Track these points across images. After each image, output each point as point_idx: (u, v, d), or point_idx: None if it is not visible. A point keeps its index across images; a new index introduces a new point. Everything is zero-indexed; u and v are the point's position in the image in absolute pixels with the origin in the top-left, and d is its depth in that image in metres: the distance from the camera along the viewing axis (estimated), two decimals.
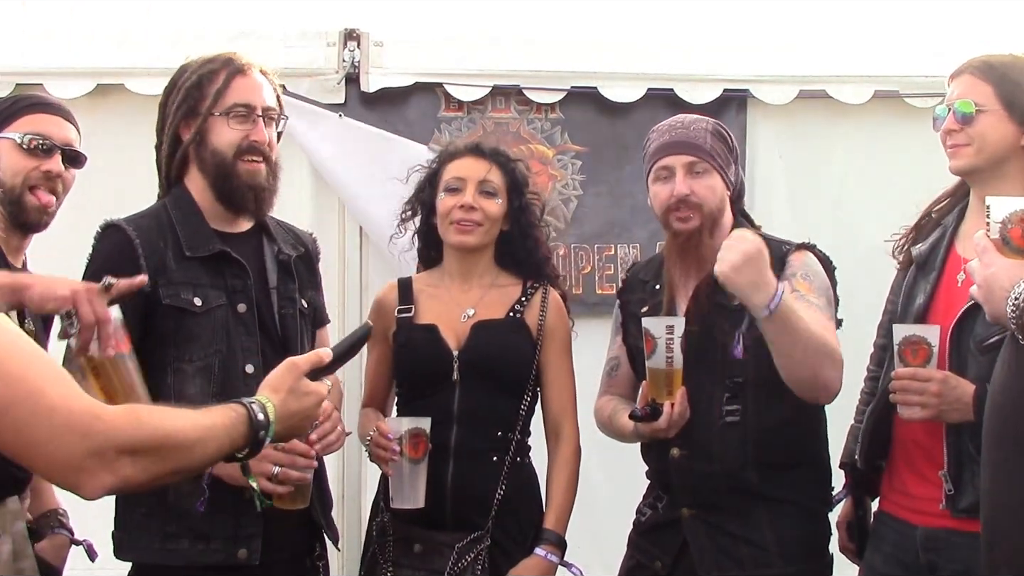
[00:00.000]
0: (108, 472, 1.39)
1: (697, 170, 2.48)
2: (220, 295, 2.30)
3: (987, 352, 2.16)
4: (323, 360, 1.76)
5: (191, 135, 2.34)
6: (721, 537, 2.47)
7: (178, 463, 1.49)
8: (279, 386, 1.69)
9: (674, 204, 2.48)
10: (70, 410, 1.37)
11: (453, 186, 2.60)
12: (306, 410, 1.72)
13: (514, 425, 2.54)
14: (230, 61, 2.35)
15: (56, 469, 1.39)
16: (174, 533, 2.24)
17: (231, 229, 2.39)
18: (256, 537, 2.26)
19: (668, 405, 2.40)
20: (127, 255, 2.24)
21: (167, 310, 2.25)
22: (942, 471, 2.25)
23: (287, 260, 2.44)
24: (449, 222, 2.58)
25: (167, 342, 2.25)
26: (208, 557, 2.24)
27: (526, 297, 2.62)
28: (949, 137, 2.32)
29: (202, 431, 1.52)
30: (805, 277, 2.46)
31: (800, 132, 3.69)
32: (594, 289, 3.68)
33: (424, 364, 2.57)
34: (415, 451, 2.41)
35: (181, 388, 2.24)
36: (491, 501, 2.49)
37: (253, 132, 2.33)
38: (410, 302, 2.63)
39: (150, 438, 1.44)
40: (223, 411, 1.58)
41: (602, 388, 2.75)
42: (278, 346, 2.35)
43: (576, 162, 3.74)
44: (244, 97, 2.33)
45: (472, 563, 2.45)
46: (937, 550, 2.27)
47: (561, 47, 3.66)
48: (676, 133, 2.52)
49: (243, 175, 2.32)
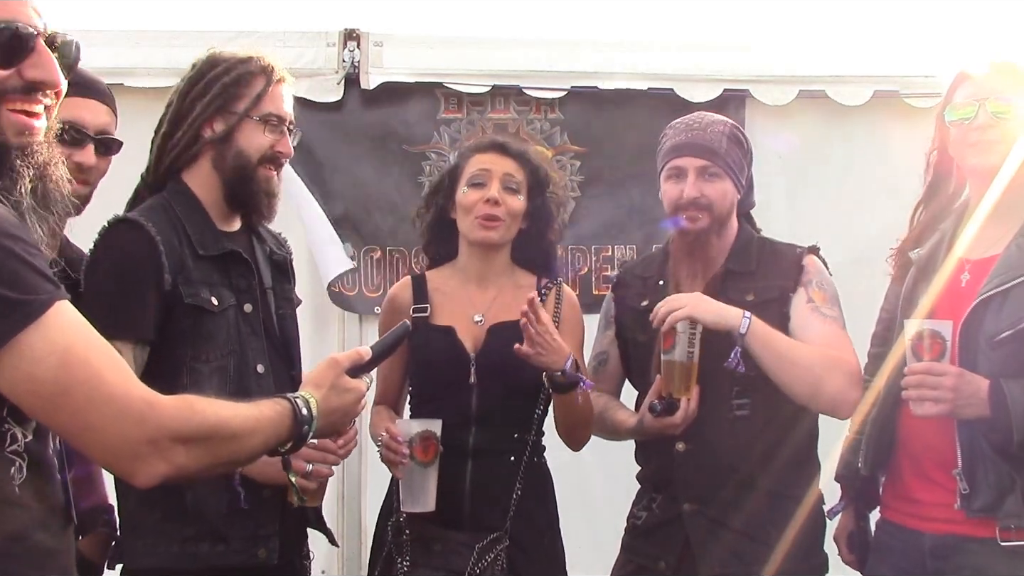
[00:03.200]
0: (162, 460, 1.41)
1: (709, 174, 2.49)
2: (231, 295, 2.27)
3: (999, 347, 2.16)
4: (363, 357, 1.79)
5: (216, 132, 2.28)
6: (724, 532, 2.47)
7: (228, 454, 1.53)
8: (321, 382, 1.71)
9: (684, 204, 2.49)
10: (128, 396, 1.40)
11: (478, 180, 2.56)
12: (346, 406, 1.75)
13: (530, 426, 2.53)
14: (270, 69, 2.31)
15: (111, 454, 1.41)
16: (193, 536, 2.19)
17: (228, 228, 2.36)
18: (274, 537, 2.25)
19: (685, 400, 2.41)
20: (149, 252, 2.18)
21: (187, 309, 2.20)
22: (956, 470, 2.22)
23: (282, 260, 2.43)
24: (473, 216, 2.55)
25: (183, 342, 2.21)
26: (228, 559, 2.21)
27: (542, 296, 2.59)
28: (980, 133, 2.27)
29: (252, 423, 1.54)
30: (820, 286, 2.48)
31: (800, 132, 3.69)
32: (591, 290, 3.68)
33: (441, 367, 2.55)
34: (425, 454, 2.39)
35: (197, 388, 2.18)
36: (509, 501, 2.48)
37: (280, 143, 2.31)
38: (425, 301, 2.61)
39: (203, 427, 1.47)
40: (270, 405, 1.60)
41: None
42: (279, 346, 2.34)
43: (575, 163, 3.74)
44: (279, 108, 2.31)
45: (492, 563, 2.45)
46: (946, 557, 2.24)
47: (561, 47, 3.67)
48: (692, 134, 2.52)
49: (261, 181, 2.30)
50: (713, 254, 2.52)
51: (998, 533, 2.16)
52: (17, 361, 1.33)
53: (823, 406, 2.45)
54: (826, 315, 2.45)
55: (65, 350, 1.36)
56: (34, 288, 1.35)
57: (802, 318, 2.47)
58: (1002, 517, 2.16)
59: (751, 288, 2.50)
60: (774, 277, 2.51)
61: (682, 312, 2.36)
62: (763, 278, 2.52)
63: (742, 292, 2.49)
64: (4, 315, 1.32)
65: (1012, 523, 2.15)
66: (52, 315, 1.36)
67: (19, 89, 1.45)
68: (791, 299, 2.48)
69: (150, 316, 2.16)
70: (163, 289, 2.17)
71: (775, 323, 2.44)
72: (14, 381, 1.34)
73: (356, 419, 1.95)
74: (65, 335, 1.37)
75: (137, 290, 2.17)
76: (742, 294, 2.49)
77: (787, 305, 2.48)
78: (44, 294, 1.36)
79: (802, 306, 2.47)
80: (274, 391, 2.21)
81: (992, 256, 2.27)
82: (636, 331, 2.59)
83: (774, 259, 2.55)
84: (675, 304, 2.39)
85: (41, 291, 1.36)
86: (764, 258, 2.55)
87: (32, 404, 1.37)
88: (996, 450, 2.17)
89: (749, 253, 2.55)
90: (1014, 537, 2.15)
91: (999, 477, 2.17)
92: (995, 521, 2.17)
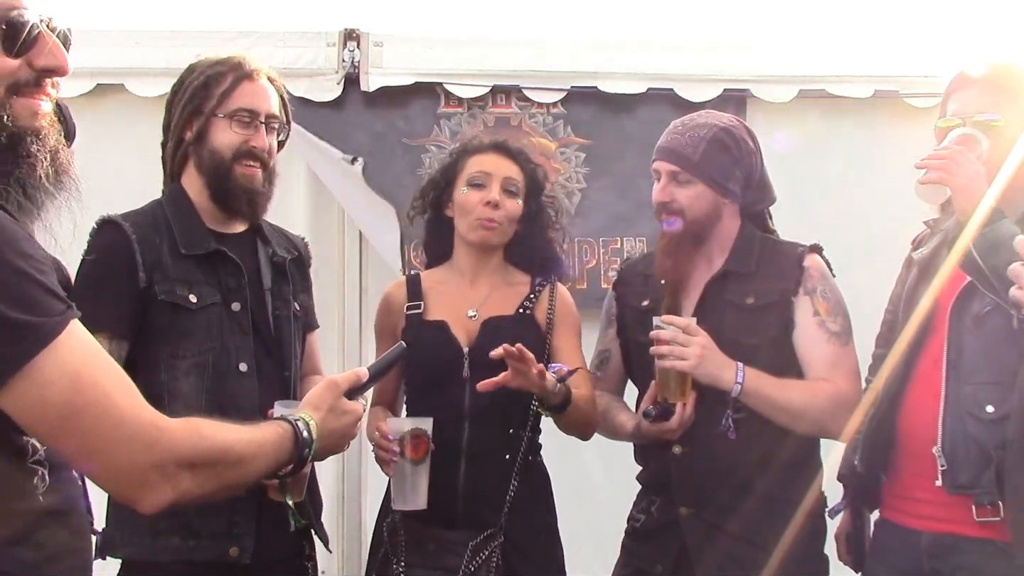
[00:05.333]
0: (169, 486, 1.40)
1: (680, 179, 2.49)
2: (214, 293, 2.31)
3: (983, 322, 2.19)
4: (361, 379, 1.79)
5: (192, 134, 2.35)
6: (721, 537, 2.46)
7: (231, 478, 1.51)
8: (320, 404, 1.71)
9: (656, 208, 2.53)
10: (138, 420, 1.38)
11: (478, 181, 2.56)
12: (344, 428, 1.75)
13: (525, 422, 2.52)
14: (239, 65, 2.36)
15: (118, 479, 1.39)
16: (165, 529, 2.23)
17: (227, 229, 2.40)
18: (248, 536, 2.26)
19: (680, 406, 2.41)
20: (124, 250, 2.26)
21: (162, 306, 2.26)
22: (935, 447, 2.23)
23: (282, 262, 2.45)
24: (474, 218, 2.54)
25: (161, 338, 2.26)
26: (198, 554, 2.24)
27: (535, 294, 2.60)
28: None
29: (255, 447, 1.54)
30: (824, 296, 2.48)
31: (800, 131, 3.69)
32: (599, 283, 3.65)
33: (434, 361, 2.54)
34: (415, 452, 2.39)
35: (174, 384, 2.24)
36: (503, 499, 2.47)
37: (254, 138, 2.34)
38: (419, 299, 2.61)
39: (210, 452, 1.46)
40: (272, 428, 1.60)
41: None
42: (271, 346, 2.37)
43: (580, 155, 3.71)
44: (248, 102, 2.34)
45: (486, 561, 2.44)
46: (943, 557, 2.25)
47: (561, 47, 3.66)
48: (670, 138, 2.53)
49: (239, 178, 2.34)
50: (696, 257, 2.53)
51: (974, 511, 2.17)
52: (28, 385, 1.30)
53: (824, 436, 2.50)
54: (831, 331, 2.45)
55: (76, 372, 1.33)
56: (47, 309, 1.32)
57: (808, 334, 2.46)
58: (978, 493, 2.17)
59: (751, 290, 2.49)
60: (775, 278, 2.50)
61: (684, 365, 2.37)
62: (763, 279, 2.51)
63: (742, 294, 2.49)
64: (18, 339, 1.29)
65: (987, 499, 2.16)
66: (64, 336, 1.33)
67: (32, 81, 1.43)
68: (792, 303, 2.47)
69: (123, 312, 2.22)
70: (137, 286, 2.24)
71: (775, 328, 2.45)
72: (24, 405, 1.32)
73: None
74: (76, 356, 1.34)
75: (110, 286, 2.24)
76: (742, 296, 2.48)
77: (788, 308, 2.47)
78: (57, 315, 1.33)
79: (808, 320, 2.46)
80: (257, 390, 2.29)
81: None
82: (637, 331, 2.58)
83: (775, 259, 2.54)
84: (681, 354, 2.38)
85: (54, 311, 1.33)
86: (765, 258, 2.54)
87: (40, 427, 1.35)
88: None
89: (750, 253, 2.54)
90: (989, 514, 2.16)
91: (980, 455, 2.18)
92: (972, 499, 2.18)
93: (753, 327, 2.46)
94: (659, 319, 2.43)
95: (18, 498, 1.39)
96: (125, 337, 2.22)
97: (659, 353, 2.39)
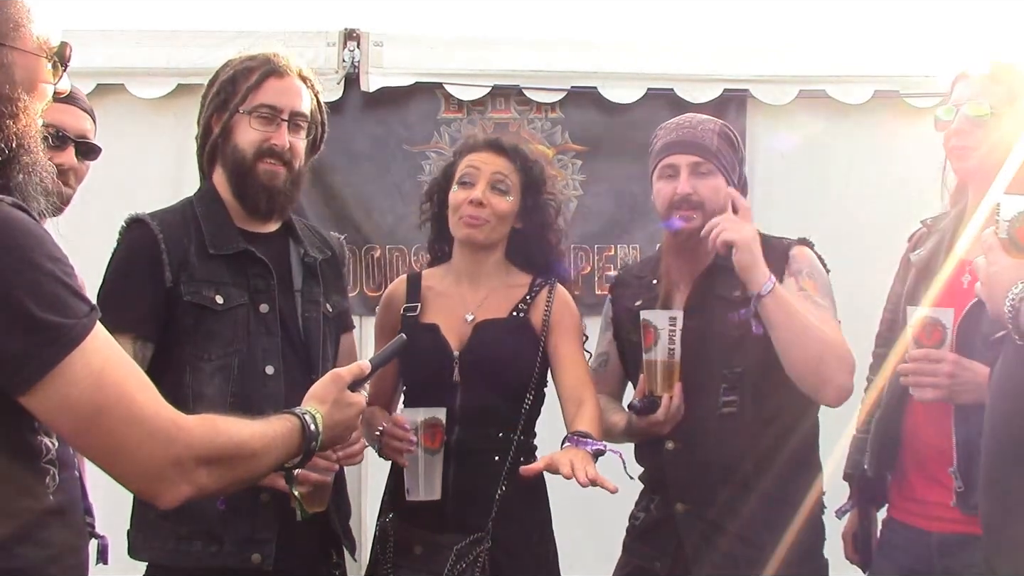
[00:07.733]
0: (187, 482, 1.44)
1: (701, 171, 2.48)
2: (242, 294, 2.27)
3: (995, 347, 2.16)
4: (364, 372, 1.83)
5: (219, 130, 2.32)
6: (717, 535, 2.46)
7: (245, 472, 1.56)
8: (325, 397, 1.75)
9: (677, 202, 2.48)
10: (158, 417, 1.42)
11: (466, 179, 2.55)
12: (348, 420, 1.79)
13: (516, 426, 2.51)
14: (268, 61, 2.32)
15: (138, 475, 1.43)
16: (187, 534, 2.22)
17: (257, 229, 2.36)
18: (270, 542, 2.24)
19: (666, 398, 2.40)
20: (150, 249, 2.23)
21: (187, 307, 2.22)
22: (951, 468, 2.22)
23: (313, 263, 2.41)
24: (458, 216, 2.54)
25: (186, 339, 2.23)
26: (220, 560, 2.22)
27: (531, 295, 2.57)
28: (957, 138, 2.29)
29: (267, 441, 1.58)
30: (811, 276, 2.46)
31: (800, 132, 3.69)
32: (593, 289, 3.68)
33: (425, 364, 2.53)
34: (432, 441, 2.37)
35: (200, 387, 2.21)
36: (491, 502, 2.45)
37: (275, 136, 2.30)
38: (417, 300, 2.60)
39: (226, 448, 1.50)
40: (281, 421, 1.64)
41: None
42: (300, 349, 2.34)
43: (576, 162, 3.74)
44: (272, 99, 2.30)
45: (471, 565, 2.41)
46: (955, 554, 2.23)
47: (561, 47, 3.67)
48: (683, 132, 2.52)
49: (261, 176, 2.29)
50: (703, 253, 2.50)
51: None
52: (57, 385, 1.34)
53: (823, 389, 2.37)
54: (819, 303, 2.42)
55: (100, 372, 1.38)
56: (76, 311, 1.36)
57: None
58: None
59: (739, 283, 2.48)
60: None
61: (727, 235, 2.32)
62: None
63: (730, 287, 2.47)
64: (50, 341, 1.34)
65: None
66: (91, 337, 1.37)
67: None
68: None
69: (148, 312, 2.20)
70: (164, 286, 2.20)
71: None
72: (51, 405, 1.36)
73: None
74: (100, 356, 1.39)
75: (136, 286, 2.22)
76: (730, 289, 2.47)
77: None
78: (84, 317, 1.37)
79: (794, 295, 2.43)
80: (283, 393, 2.25)
81: None
82: (631, 331, 2.58)
83: (764, 252, 2.53)
84: (725, 225, 2.34)
85: (81, 313, 1.37)
86: None
87: (64, 426, 1.39)
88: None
89: None
90: None
91: None
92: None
93: (742, 319, 2.44)
94: (644, 312, 2.44)
95: (28, 497, 1.42)
96: (150, 338, 2.20)
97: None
